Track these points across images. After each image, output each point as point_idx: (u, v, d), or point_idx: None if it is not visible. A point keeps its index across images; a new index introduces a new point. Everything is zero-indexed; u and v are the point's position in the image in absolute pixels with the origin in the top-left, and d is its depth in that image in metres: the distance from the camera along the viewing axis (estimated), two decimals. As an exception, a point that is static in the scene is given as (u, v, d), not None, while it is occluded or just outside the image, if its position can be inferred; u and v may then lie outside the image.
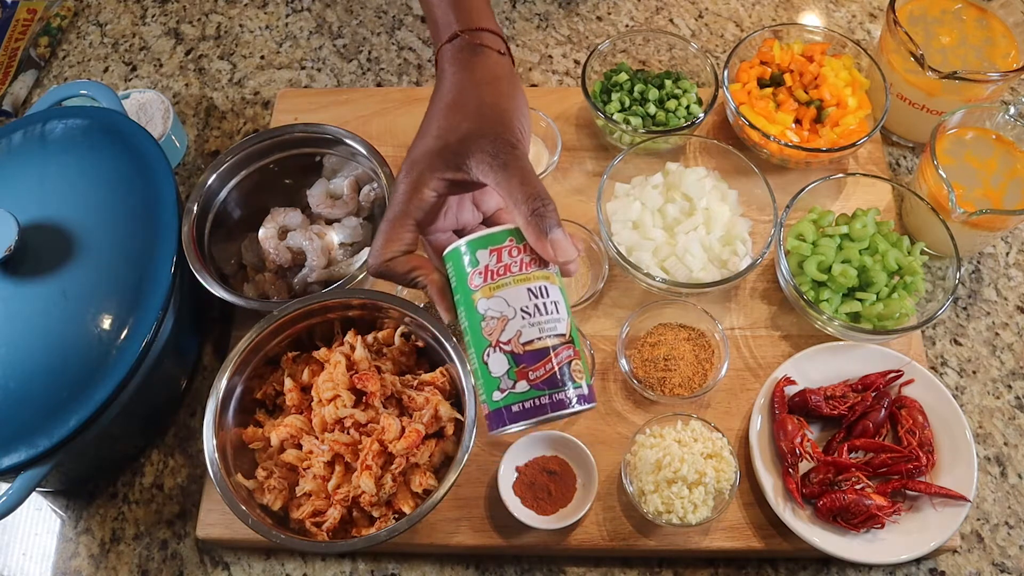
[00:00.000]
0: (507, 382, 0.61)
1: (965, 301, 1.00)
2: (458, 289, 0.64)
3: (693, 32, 1.22)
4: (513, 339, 0.61)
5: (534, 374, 0.61)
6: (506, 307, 0.61)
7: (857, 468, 0.84)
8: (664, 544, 0.84)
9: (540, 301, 0.62)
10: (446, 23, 0.73)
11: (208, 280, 0.89)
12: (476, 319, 0.62)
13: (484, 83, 0.69)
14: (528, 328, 0.61)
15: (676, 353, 0.91)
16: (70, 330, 0.82)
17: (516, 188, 0.61)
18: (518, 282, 0.62)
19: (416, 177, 0.65)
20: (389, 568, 0.87)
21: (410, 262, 0.65)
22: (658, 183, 0.99)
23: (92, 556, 0.89)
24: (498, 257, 0.62)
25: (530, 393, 0.61)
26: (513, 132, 0.66)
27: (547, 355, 0.61)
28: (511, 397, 0.61)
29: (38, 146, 0.92)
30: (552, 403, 0.61)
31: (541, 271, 0.63)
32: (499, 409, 0.62)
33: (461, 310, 0.64)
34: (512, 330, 0.61)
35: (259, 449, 0.85)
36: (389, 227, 0.65)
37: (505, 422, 0.62)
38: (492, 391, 0.62)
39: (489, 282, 0.62)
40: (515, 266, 0.62)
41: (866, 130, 1.01)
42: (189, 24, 1.26)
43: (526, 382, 0.61)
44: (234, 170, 0.98)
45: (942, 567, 0.86)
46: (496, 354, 0.61)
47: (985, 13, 1.04)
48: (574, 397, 0.61)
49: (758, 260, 0.93)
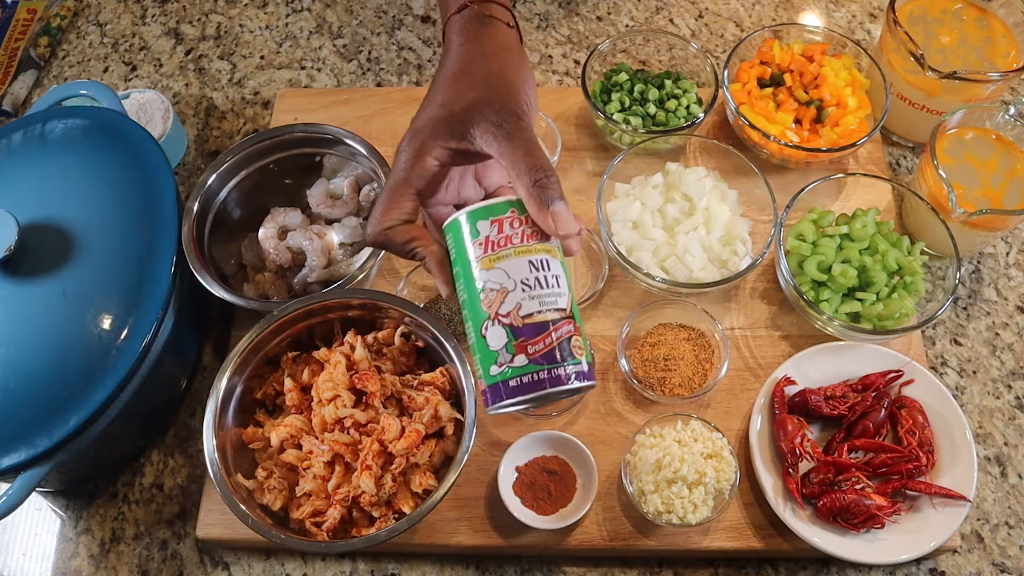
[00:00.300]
0: (505, 356, 0.59)
1: (965, 301, 1.00)
2: (457, 261, 0.62)
3: (693, 32, 1.22)
4: (512, 312, 0.59)
5: (533, 348, 0.59)
6: (506, 279, 0.60)
7: (857, 468, 0.84)
8: (664, 544, 0.84)
9: (541, 274, 0.60)
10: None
11: (208, 280, 0.89)
12: (475, 291, 0.61)
13: (492, 54, 0.69)
14: (528, 301, 0.59)
15: (676, 353, 0.91)
16: (70, 330, 0.82)
17: (519, 158, 0.60)
18: (519, 254, 0.60)
19: (419, 145, 0.63)
20: (389, 568, 0.87)
21: (409, 232, 0.64)
22: (658, 183, 0.99)
23: (92, 556, 0.89)
24: (499, 228, 0.61)
25: (528, 368, 0.59)
26: (519, 103, 0.65)
27: (547, 329, 0.59)
28: (509, 371, 0.59)
29: (38, 146, 0.92)
30: (550, 378, 0.59)
31: (543, 244, 0.61)
32: (496, 384, 0.60)
33: (460, 283, 0.62)
34: (512, 302, 0.60)
35: (259, 449, 0.85)
36: (389, 195, 0.63)
37: (502, 397, 0.60)
38: (489, 365, 0.60)
39: (489, 253, 0.60)
40: (516, 237, 0.61)
41: (866, 130, 1.01)
42: (189, 24, 1.26)
43: (524, 356, 0.59)
44: (234, 170, 0.98)
45: (942, 567, 0.86)
46: (495, 327, 0.60)
47: (985, 13, 1.04)
48: (573, 373, 0.60)
49: (758, 260, 0.93)
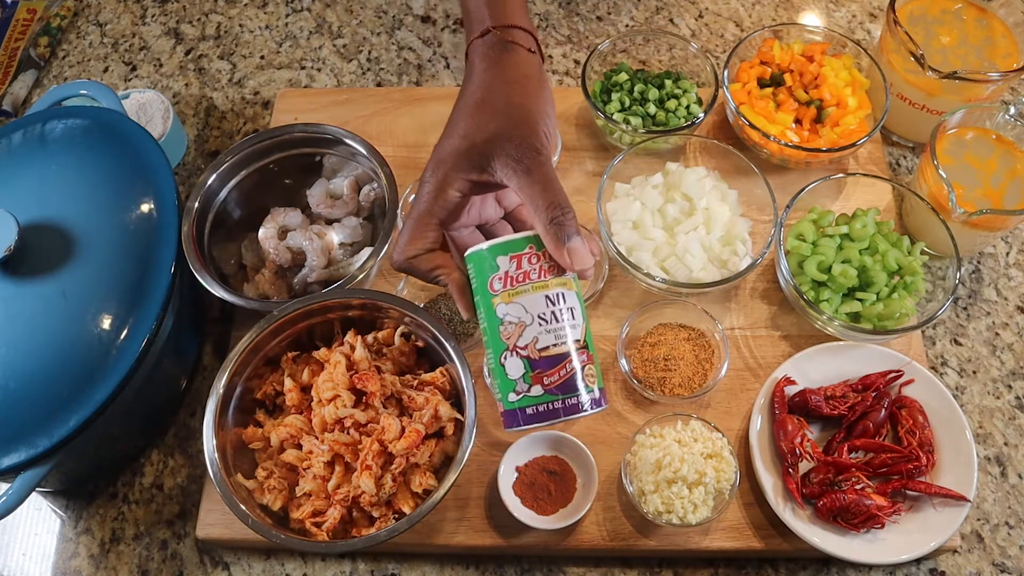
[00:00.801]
0: (523, 385, 0.64)
1: (965, 301, 1.00)
2: (478, 291, 0.66)
3: (693, 32, 1.22)
4: (530, 345, 0.64)
5: (548, 379, 0.64)
6: (524, 313, 0.64)
7: (857, 468, 0.84)
8: (664, 544, 0.84)
9: (557, 308, 0.64)
10: (479, 18, 0.74)
11: (208, 280, 0.89)
12: (495, 322, 0.65)
13: (512, 81, 0.71)
14: (544, 335, 0.64)
15: (676, 353, 0.91)
16: (70, 330, 0.82)
17: (538, 195, 0.63)
18: (536, 289, 0.64)
19: (442, 177, 0.66)
20: (389, 568, 0.87)
21: (432, 260, 0.68)
22: (658, 183, 0.99)
23: (92, 556, 0.89)
24: (518, 264, 0.65)
25: (544, 397, 0.64)
26: (538, 136, 0.68)
27: (561, 361, 0.64)
28: (526, 400, 0.64)
29: (38, 146, 0.92)
30: (565, 407, 0.64)
31: (559, 278, 0.65)
32: (514, 411, 0.65)
33: (481, 311, 0.66)
34: (529, 336, 0.64)
35: (259, 449, 0.85)
36: (414, 225, 0.67)
37: (519, 423, 0.65)
38: (508, 392, 0.65)
39: (509, 288, 0.65)
40: (534, 273, 0.65)
41: (866, 130, 1.01)
42: (189, 24, 1.26)
43: (540, 387, 0.64)
44: (234, 170, 0.98)
45: (942, 567, 0.86)
46: (513, 358, 0.64)
47: (985, 13, 1.04)
48: (587, 402, 0.64)
49: (758, 260, 0.93)
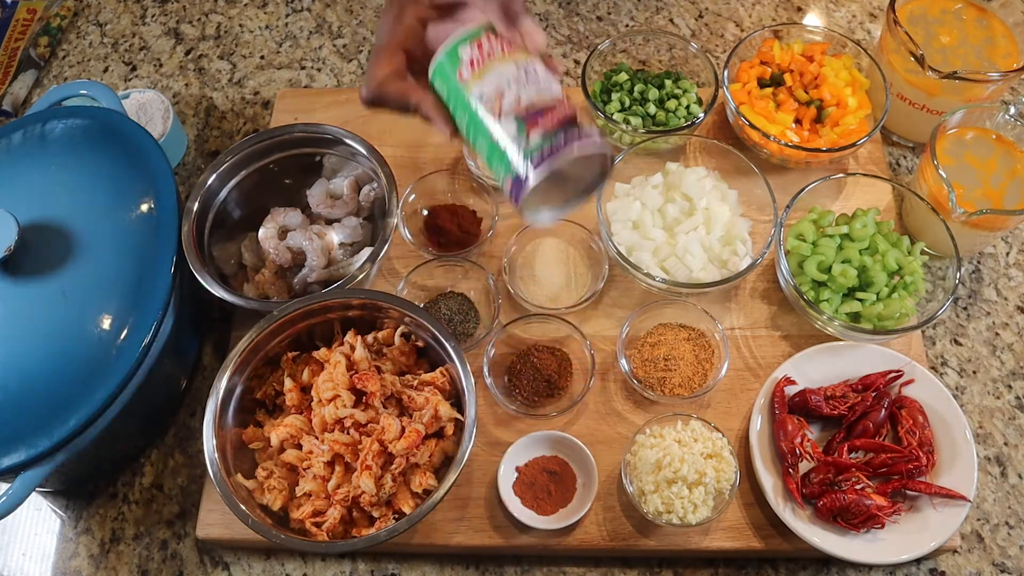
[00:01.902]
0: (521, 141, 0.62)
1: (965, 301, 1.00)
2: (451, 97, 0.66)
3: (693, 32, 1.22)
4: (514, 104, 0.63)
5: (544, 122, 0.62)
6: (499, 80, 0.64)
7: (857, 468, 0.84)
8: (664, 544, 0.84)
9: (530, 69, 0.64)
10: None
11: (208, 280, 0.89)
12: (476, 109, 0.64)
13: None
14: (525, 90, 0.63)
15: (676, 353, 0.91)
16: (70, 330, 0.82)
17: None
18: (504, 59, 0.64)
19: (397, 8, 0.69)
20: (389, 568, 0.87)
21: (402, 87, 0.69)
22: (658, 183, 0.99)
23: (92, 556, 0.89)
24: (479, 47, 0.65)
25: (546, 139, 0.62)
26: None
27: (551, 108, 0.63)
28: (528, 152, 0.62)
29: (38, 146, 0.92)
30: (567, 138, 0.61)
31: (523, 52, 0.66)
32: (519, 171, 0.62)
33: (461, 115, 0.65)
34: (511, 97, 0.63)
35: (259, 449, 0.85)
36: (376, 54, 0.69)
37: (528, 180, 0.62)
38: (510, 158, 0.62)
39: (476, 69, 0.64)
40: (497, 50, 0.65)
41: (866, 130, 1.01)
42: (189, 24, 1.26)
43: (538, 132, 0.62)
44: (234, 170, 0.98)
45: (942, 567, 0.86)
46: (503, 123, 0.63)
47: (985, 13, 1.04)
48: (591, 133, 0.62)
49: (758, 260, 0.93)
